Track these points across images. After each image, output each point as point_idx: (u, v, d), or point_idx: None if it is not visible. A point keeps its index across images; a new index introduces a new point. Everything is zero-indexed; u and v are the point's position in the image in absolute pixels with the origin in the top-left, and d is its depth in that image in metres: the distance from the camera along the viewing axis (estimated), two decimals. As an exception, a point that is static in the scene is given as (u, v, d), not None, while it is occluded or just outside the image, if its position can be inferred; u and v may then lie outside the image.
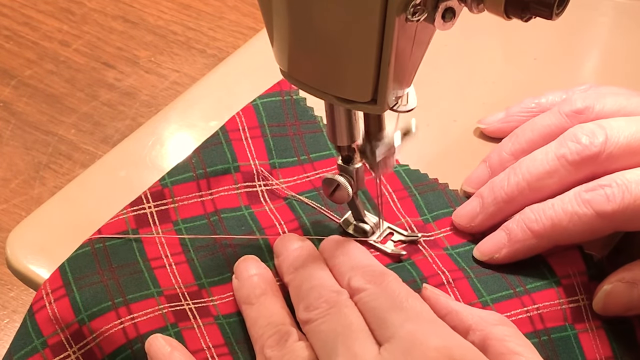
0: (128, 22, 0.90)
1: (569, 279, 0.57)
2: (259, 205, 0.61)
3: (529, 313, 0.55)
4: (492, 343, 0.50)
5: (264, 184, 0.62)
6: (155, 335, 0.54)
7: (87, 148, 0.77)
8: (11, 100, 0.82)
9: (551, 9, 0.45)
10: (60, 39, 0.88)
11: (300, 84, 0.53)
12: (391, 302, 0.51)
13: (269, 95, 0.67)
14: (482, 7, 0.46)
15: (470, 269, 0.57)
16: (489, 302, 0.56)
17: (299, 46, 0.51)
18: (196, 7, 0.91)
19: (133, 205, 0.60)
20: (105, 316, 0.55)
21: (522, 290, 0.56)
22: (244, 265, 0.57)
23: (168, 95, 0.82)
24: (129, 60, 0.86)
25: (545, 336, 0.55)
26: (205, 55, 0.85)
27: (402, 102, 0.53)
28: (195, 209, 0.61)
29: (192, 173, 0.61)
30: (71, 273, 0.57)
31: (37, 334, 0.56)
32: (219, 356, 0.54)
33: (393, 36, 0.47)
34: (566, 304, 0.56)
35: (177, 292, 0.57)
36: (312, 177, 0.63)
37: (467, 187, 0.62)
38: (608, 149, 0.56)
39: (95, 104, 0.81)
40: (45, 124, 0.80)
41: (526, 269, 0.57)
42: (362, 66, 0.49)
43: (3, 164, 0.76)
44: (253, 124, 0.64)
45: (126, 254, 0.58)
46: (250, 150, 0.63)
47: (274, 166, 0.63)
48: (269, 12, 0.51)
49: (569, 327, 0.55)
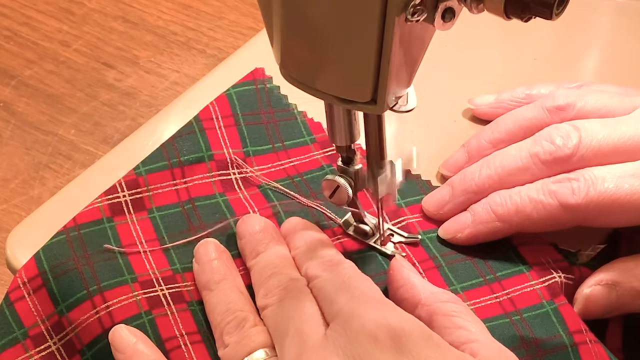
0: (128, 22, 0.90)
1: (541, 264, 0.57)
2: (233, 193, 0.62)
3: (498, 299, 0.56)
4: (438, 318, 0.51)
5: (238, 171, 0.63)
6: (119, 326, 0.54)
7: (87, 148, 0.77)
8: (11, 100, 0.82)
9: (551, 9, 0.45)
10: (60, 39, 0.88)
11: (299, 83, 0.53)
12: (340, 284, 0.52)
13: (243, 85, 0.67)
14: (481, 7, 0.46)
15: (441, 257, 0.58)
16: (459, 290, 0.56)
17: (299, 46, 0.51)
18: (196, 7, 0.91)
19: (107, 194, 0.61)
20: (81, 306, 0.56)
21: (492, 277, 0.57)
22: (204, 250, 0.57)
23: (168, 95, 0.82)
24: (129, 60, 0.86)
25: (517, 315, 0.55)
26: (205, 55, 0.85)
27: (402, 102, 0.53)
28: (170, 197, 0.62)
29: (166, 162, 0.62)
30: (46, 261, 0.58)
31: (18, 325, 0.57)
32: (192, 343, 0.54)
33: (393, 36, 0.47)
34: (540, 284, 0.56)
35: (151, 277, 0.57)
36: (286, 165, 0.64)
37: (444, 170, 0.63)
38: (580, 151, 0.57)
39: (95, 104, 0.81)
40: (45, 124, 0.80)
41: (498, 258, 0.58)
42: (362, 66, 0.49)
43: (3, 164, 0.76)
44: (226, 113, 0.65)
45: (101, 241, 0.59)
46: (224, 139, 0.64)
47: (248, 154, 0.64)
48: (268, 12, 0.51)
49: (547, 303, 0.55)
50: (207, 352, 0.54)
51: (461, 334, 0.50)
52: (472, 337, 0.50)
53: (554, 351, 0.54)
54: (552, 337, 0.54)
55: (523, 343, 0.54)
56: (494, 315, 0.55)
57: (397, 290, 0.54)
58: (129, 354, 0.54)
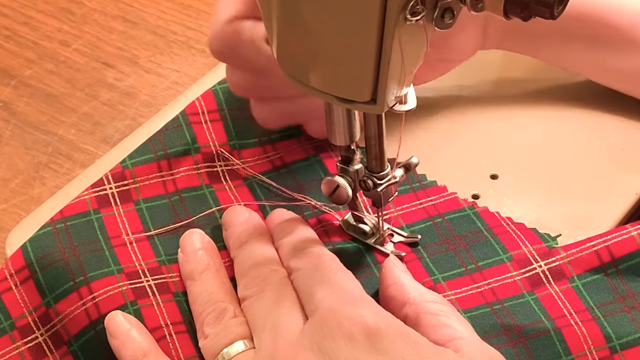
0: (128, 22, 0.90)
1: (522, 253, 0.57)
2: (219, 185, 0.62)
3: (479, 289, 0.56)
4: (424, 316, 0.51)
5: (225, 164, 0.63)
6: (115, 312, 0.55)
7: (87, 148, 0.77)
8: (11, 100, 0.82)
9: (551, 8, 0.45)
10: (60, 38, 0.88)
11: (300, 83, 0.53)
12: (320, 277, 0.53)
13: None
14: (481, 6, 0.46)
15: (422, 249, 0.58)
16: (440, 280, 0.57)
17: (299, 46, 0.51)
18: (196, 7, 0.91)
19: (94, 186, 0.61)
20: (68, 298, 0.56)
21: (473, 267, 0.57)
22: (189, 240, 0.58)
23: (168, 95, 0.82)
24: (129, 60, 0.86)
25: (498, 305, 0.55)
26: (205, 55, 0.85)
27: (402, 101, 0.53)
28: (157, 189, 0.62)
29: (152, 154, 0.62)
30: (33, 253, 0.58)
31: (6, 316, 0.57)
32: (177, 333, 0.55)
33: (392, 36, 0.47)
34: (520, 276, 0.56)
35: (137, 269, 0.57)
36: (273, 156, 0.65)
37: None
38: None
39: (95, 104, 0.81)
40: (45, 124, 0.80)
41: (479, 247, 0.58)
42: (362, 66, 0.49)
43: (3, 164, 0.76)
44: (212, 108, 0.66)
45: (87, 232, 0.59)
46: (210, 133, 0.64)
47: (235, 147, 0.64)
48: (268, 12, 0.51)
49: (528, 294, 0.56)
50: (191, 342, 0.55)
51: (447, 332, 0.50)
52: (457, 335, 0.50)
53: (536, 335, 0.54)
54: (533, 323, 0.54)
55: (504, 330, 0.54)
56: (475, 305, 0.55)
57: (387, 288, 0.54)
58: (122, 339, 0.54)
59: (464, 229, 0.60)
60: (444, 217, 0.61)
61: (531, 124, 0.71)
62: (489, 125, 0.71)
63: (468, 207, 0.62)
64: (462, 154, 0.68)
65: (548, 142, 0.70)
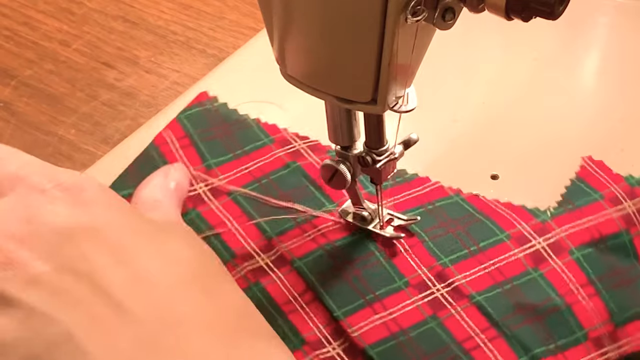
0: (128, 22, 0.90)
1: (518, 231, 0.59)
2: (204, 205, 0.63)
3: (487, 269, 0.57)
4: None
5: (204, 184, 0.64)
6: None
7: (87, 148, 0.77)
8: (11, 100, 0.82)
9: (553, 8, 0.45)
10: (60, 39, 0.88)
11: (300, 83, 0.53)
12: None
13: (191, 109, 0.69)
14: (482, 7, 0.46)
15: (424, 232, 0.60)
16: (448, 264, 0.58)
17: (299, 46, 0.51)
18: (196, 7, 0.91)
19: None
20: None
21: (475, 249, 0.58)
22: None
23: (168, 95, 0.82)
24: (129, 60, 0.86)
25: (508, 285, 0.56)
26: (205, 55, 0.85)
27: (402, 102, 0.53)
28: None
29: (130, 190, 0.62)
30: None
31: None
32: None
33: (393, 36, 0.47)
34: (522, 253, 0.58)
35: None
36: (251, 167, 0.65)
37: None
38: None
39: (95, 104, 0.81)
40: (45, 124, 0.80)
41: (477, 228, 0.60)
42: (362, 66, 0.49)
43: (3, 164, 0.76)
44: (180, 135, 0.67)
45: None
46: (182, 158, 0.65)
47: (210, 167, 0.65)
48: (268, 11, 0.51)
49: (532, 270, 0.58)
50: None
51: None
52: None
53: (550, 312, 0.56)
54: (545, 301, 0.56)
55: (519, 309, 0.55)
56: (486, 287, 0.57)
57: None
58: None
59: (456, 214, 0.61)
60: (435, 204, 0.62)
61: (531, 124, 0.71)
62: (489, 125, 0.71)
63: (454, 194, 0.63)
64: (462, 154, 0.68)
65: (548, 142, 0.70)
